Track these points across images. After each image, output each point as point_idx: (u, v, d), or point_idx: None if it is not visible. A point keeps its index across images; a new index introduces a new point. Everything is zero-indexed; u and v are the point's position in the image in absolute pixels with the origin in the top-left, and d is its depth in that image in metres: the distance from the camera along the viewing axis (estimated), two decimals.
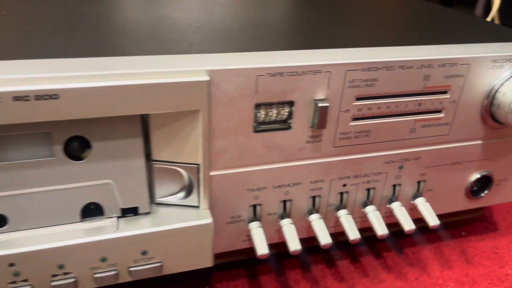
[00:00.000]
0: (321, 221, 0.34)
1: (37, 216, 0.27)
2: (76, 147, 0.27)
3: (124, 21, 0.35)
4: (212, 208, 0.31)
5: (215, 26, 0.35)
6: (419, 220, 0.37)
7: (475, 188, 0.40)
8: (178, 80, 0.25)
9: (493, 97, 0.34)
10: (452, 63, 0.32)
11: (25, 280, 0.27)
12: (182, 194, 0.30)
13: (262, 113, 0.29)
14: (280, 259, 0.39)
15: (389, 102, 0.32)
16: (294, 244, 0.32)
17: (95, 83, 0.24)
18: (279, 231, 0.34)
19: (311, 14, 0.41)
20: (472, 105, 0.34)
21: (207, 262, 0.31)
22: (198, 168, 0.29)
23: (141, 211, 0.29)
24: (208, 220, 0.29)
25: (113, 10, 0.38)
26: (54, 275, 0.27)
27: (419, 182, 0.37)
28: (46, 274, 0.27)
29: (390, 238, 0.42)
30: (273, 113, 0.29)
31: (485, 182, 0.40)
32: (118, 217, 0.29)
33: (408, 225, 0.35)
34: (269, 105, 0.29)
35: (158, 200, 0.30)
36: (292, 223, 0.33)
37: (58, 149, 0.26)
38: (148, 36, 0.31)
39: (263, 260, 0.39)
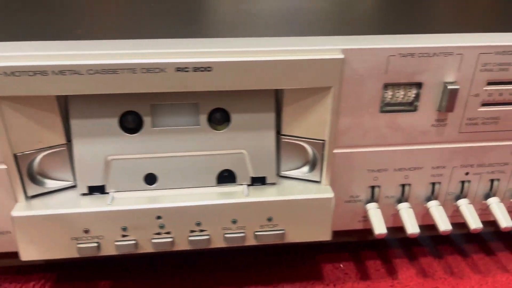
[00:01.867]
0: (441, 208, 0.33)
1: (181, 177, 0.31)
2: (218, 118, 0.30)
3: (255, 7, 0.38)
4: (333, 185, 0.32)
5: (342, 12, 0.36)
6: None
7: None
8: (315, 57, 0.27)
9: None
10: None
11: (168, 233, 0.30)
12: (306, 168, 0.32)
13: (389, 94, 0.30)
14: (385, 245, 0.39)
15: None
16: (413, 228, 0.32)
17: (243, 58, 0.27)
18: (395, 215, 0.35)
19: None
20: None
21: (326, 235, 0.32)
22: (323, 144, 0.31)
23: (268, 181, 0.32)
24: (330, 194, 0.31)
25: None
26: (192, 231, 0.30)
27: None
28: (185, 229, 0.30)
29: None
30: (400, 94, 0.30)
31: None
32: (248, 185, 0.32)
33: (505, 222, 0.33)
34: (396, 86, 0.30)
35: (283, 173, 0.33)
36: (411, 207, 0.33)
37: (203, 118, 0.30)
38: (281, 20, 0.34)
39: (368, 245, 0.39)
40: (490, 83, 0.30)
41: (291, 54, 0.27)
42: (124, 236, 0.30)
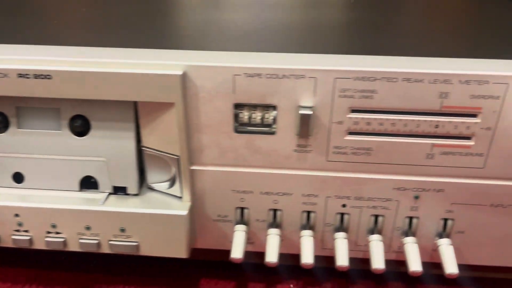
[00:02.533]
0: (311, 238, 0.31)
1: (46, 179, 0.32)
2: (79, 124, 0.31)
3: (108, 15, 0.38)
4: (199, 202, 0.32)
5: (196, 26, 0.35)
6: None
7: None
8: (154, 72, 0.27)
9: None
10: (479, 80, 0.26)
11: (26, 231, 0.31)
12: (168, 183, 0.32)
13: (245, 114, 0.29)
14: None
15: (394, 119, 0.28)
16: (271, 256, 0.30)
17: (80, 68, 0.27)
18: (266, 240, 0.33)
19: (308, 16, 0.38)
20: None
21: (181, 252, 0.31)
22: (178, 160, 0.30)
23: (129, 191, 0.32)
24: (183, 212, 0.30)
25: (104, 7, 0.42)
26: (48, 232, 0.31)
27: (445, 220, 0.31)
28: (42, 229, 0.31)
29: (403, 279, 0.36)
30: (257, 115, 0.29)
31: None
32: (110, 193, 0.32)
33: (414, 265, 0.30)
34: (252, 107, 0.28)
35: (151, 185, 0.32)
36: (278, 234, 0.32)
37: (64, 124, 0.30)
38: (129, 31, 0.33)
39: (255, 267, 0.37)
40: (354, 111, 0.28)
41: (130, 67, 0.27)
42: None
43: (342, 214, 0.32)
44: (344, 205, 0.31)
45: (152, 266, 0.37)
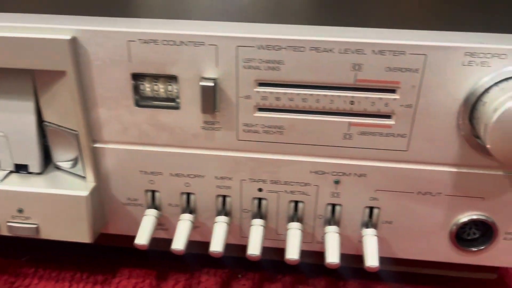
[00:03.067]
0: (225, 225, 0.29)
1: None
2: None
3: None
4: (106, 184, 0.29)
5: None
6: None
7: (468, 237, 0.29)
8: (41, 36, 0.25)
9: (474, 106, 0.24)
10: (396, 51, 0.23)
11: None
12: (71, 161, 0.29)
13: (146, 86, 0.26)
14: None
15: (305, 94, 0.25)
16: (177, 243, 0.28)
17: None
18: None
19: None
20: (443, 115, 0.25)
21: (84, 236, 0.29)
22: (77, 136, 0.28)
23: (31, 169, 0.29)
24: (83, 192, 0.28)
25: None
26: None
27: (371, 209, 0.28)
28: None
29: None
30: (159, 88, 0.26)
31: (485, 232, 0.29)
32: (11, 171, 0.30)
33: (331, 256, 0.27)
34: (154, 78, 0.26)
35: (57, 163, 0.30)
36: (190, 220, 0.29)
37: None
38: None
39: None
40: (261, 84, 0.25)
41: (17, 31, 0.25)
42: None
43: (260, 200, 0.29)
44: (260, 189, 0.29)
45: (67, 253, 0.35)
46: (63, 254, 0.35)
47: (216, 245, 0.28)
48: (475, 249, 0.28)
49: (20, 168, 0.30)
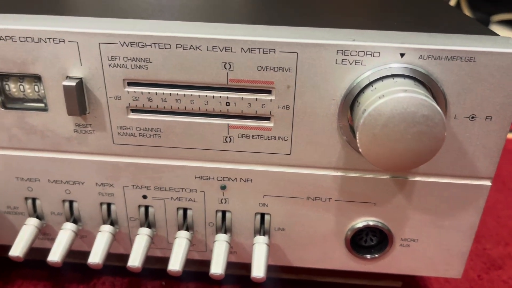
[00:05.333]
0: (108, 235, 0.27)
1: None
2: None
3: None
4: None
5: None
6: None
7: (366, 243, 0.28)
8: None
9: (351, 107, 0.23)
10: (265, 48, 0.22)
11: None
12: None
13: (12, 86, 0.24)
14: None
15: (178, 94, 0.23)
16: (54, 255, 0.26)
17: None
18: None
19: None
20: (322, 117, 0.23)
21: None
22: None
23: None
24: None
25: None
26: None
27: (262, 215, 0.27)
28: None
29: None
30: (26, 88, 0.24)
31: (382, 238, 0.28)
32: None
33: (215, 267, 0.26)
34: (20, 77, 0.24)
35: None
36: (72, 230, 0.27)
37: None
38: None
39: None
40: (130, 84, 0.24)
41: None
42: None
43: (147, 207, 0.28)
44: (145, 196, 0.27)
45: None
46: None
47: (95, 256, 0.26)
48: (369, 257, 0.27)
49: None
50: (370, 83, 0.22)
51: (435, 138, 0.21)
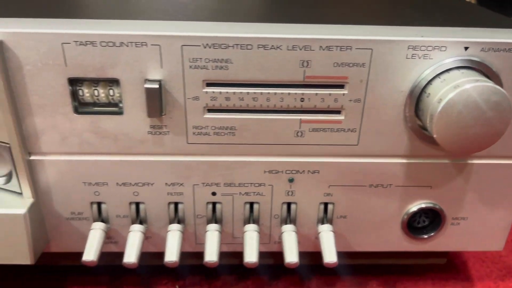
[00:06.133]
0: (178, 233, 0.28)
1: None
2: None
3: None
4: (46, 198, 0.27)
5: None
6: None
7: (419, 225, 0.30)
8: None
9: (418, 98, 0.25)
10: (342, 46, 0.23)
11: None
12: (4, 177, 0.27)
13: (85, 92, 0.25)
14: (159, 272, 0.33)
15: (255, 93, 0.25)
16: (129, 256, 0.26)
17: None
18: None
19: None
20: (390, 108, 0.25)
21: (24, 258, 0.27)
22: (10, 149, 0.25)
23: None
24: (20, 210, 0.25)
25: None
26: None
27: (325, 205, 0.29)
28: None
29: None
30: (100, 92, 0.25)
31: (434, 219, 0.30)
32: None
33: (290, 256, 0.27)
34: (94, 82, 0.24)
35: None
36: (141, 231, 0.28)
37: None
38: None
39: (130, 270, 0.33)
40: (209, 84, 0.24)
41: None
42: None
43: (214, 204, 0.28)
44: (214, 193, 0.28)
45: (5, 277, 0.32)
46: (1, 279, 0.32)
47: (171, 255, 0.27)
48: (426, 236, 0.29)
49: None
50: (437, 75, 0.24)
51: (503, 122, 0.23)
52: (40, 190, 0.27)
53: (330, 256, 0.27)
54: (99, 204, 0.28)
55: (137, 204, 0.28)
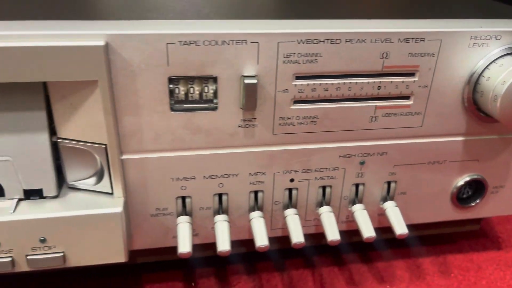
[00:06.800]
0: (262, 220, 0.29)
1: None
2: None
3: None
4: (132, 197, 0.28)
5: None
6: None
7: (464, 195, 0.34)
8: (70, 43, 0.22)
9: (476, 82, 0.28)
10: (417, 38, 0.26)
11: None
12: (94, 178, 0.27)
13: (181, 90, 0.26)
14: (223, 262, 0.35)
15: (338, 83, 0.27)
16: (223, 244, 0.28)
17: None
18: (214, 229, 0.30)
19: None
20: (450, 92, 0.28)
21: (119, 256, 0.27)
22: (105, 149, 0.26)
23: (46, 194, 0.27)
24: (117, 209, 0.26)
25: None
26: None
27: (389, 183, 0.31)
28: None
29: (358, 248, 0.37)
30: (195, 90, 0.26)
31: (476, 188, 0.34)
32: (20, 199, 0.26)
33: (367, 231, 0.30)
34: (190, 80, 0.25)
35: (71, 183, 0.28)
36: (226, 220, 0.29)
37: None
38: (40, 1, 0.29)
39: (197, 262, 0.35)
40: (298, 77, 0.26)
41: (42, 39, 0.22)
42: None
43: (290, 190, 0.30)
44: (292, 180, 0.30)
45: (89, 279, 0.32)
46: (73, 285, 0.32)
47: (262, 240, 0.28)
48: (473, 204, 0.33)
49: (31, 194, 0.26)
50: (494, 61, 0.28)
51: None
52: (128, 189, 0.27)
53: (401, 228, 0.30)
54: (183, 198, 0.29)
55: (220, 195, 0.29)
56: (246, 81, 0.25)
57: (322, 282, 0.33)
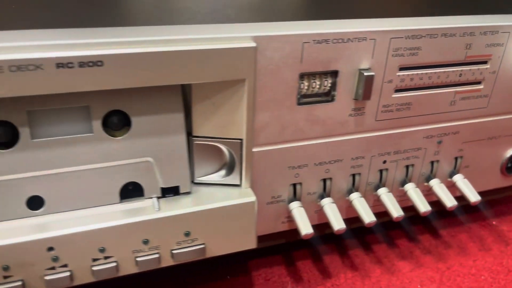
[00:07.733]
0: (363, 199, 0.33)
1: (74, 197, 0.26)
2: (116, 122, 0.25)
3: None
4: (254, 187, 0.30)
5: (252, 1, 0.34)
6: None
7: (509, 165, 0.39)
8: (224, 46, 0.24)
9: None
10: (493, 31, 0.31)
11: (65, 266, 0.25)
12: (223, 172, 0.29)
13: (305, 85, 0.28)
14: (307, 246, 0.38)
15: (431, 73, 0.31)
16: (338, 223, 0.31)
17: (140, 49, 0.23)
18: (318, 212, 0.33)
19: None
20: (510, 76, 0.34)
21: (251, 243, 0.29)
22: (241, 144, 0.28)
23: (182, 190, 0.28)
24: (252, 198, 0.28)
25: None
26: (95, 259, 0.25)
27: (456, 158, 0.36)
28: (86, 258, 0.25)
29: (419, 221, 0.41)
30: (316, 84, 0.28)
31: None
32: (158, 198, 0.27)
33: (450, 201, 0.34)
34: (312, 75, 0.28)
35: (198, 179, 0.29)
36: (333, 202, 0.32)
37: (97, 124, 0.25)
38: (180, 6, 0.30)
39: (298, 245, 0.37)
40: (402, 69, 0.30)
41: (195, 43, 0.24)
42: (6, 277, 0.24)
43: (381, 171, 0.34)
44: (384, 161, 0.33)
45: (192, 274, 0.34)
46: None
47: (368, 216, 0.31)
48: None
49: (167, 192, 0.28)
50: None
51: None
52: (253, 179, 0.29)
53: (475, 196, 0.35)
54: (294, 185, 0.31)
55: (324, 180, 0.32)
56: (366, 73, 0.28)
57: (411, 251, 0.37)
